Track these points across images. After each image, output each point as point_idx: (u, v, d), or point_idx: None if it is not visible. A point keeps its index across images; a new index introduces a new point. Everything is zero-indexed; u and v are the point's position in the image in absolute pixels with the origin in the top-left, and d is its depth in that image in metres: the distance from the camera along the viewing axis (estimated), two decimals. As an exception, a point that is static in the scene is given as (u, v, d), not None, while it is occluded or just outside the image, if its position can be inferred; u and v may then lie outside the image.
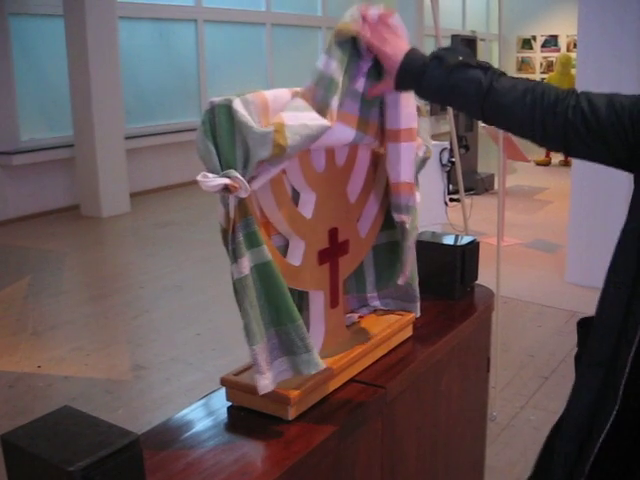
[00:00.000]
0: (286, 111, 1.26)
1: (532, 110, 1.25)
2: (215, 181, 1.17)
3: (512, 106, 1.27)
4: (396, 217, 1.63)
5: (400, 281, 1.68)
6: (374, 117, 1.51)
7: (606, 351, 1.28)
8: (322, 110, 1.32)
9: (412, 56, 1.37)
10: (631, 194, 1.28)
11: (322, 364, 1.37)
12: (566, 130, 1.23)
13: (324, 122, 1.30)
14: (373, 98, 1.48)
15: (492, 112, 1.30)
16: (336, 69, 1.35)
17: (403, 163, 1.55)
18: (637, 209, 1.25)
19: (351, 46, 1.39)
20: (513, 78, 1.32)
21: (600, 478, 1.31)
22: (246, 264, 1.24)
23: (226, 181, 1.17)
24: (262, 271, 1.27)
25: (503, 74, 1.31)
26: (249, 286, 1.25)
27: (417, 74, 1.35)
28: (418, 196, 1.72)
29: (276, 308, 1.30)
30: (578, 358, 1.44)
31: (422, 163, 1.69)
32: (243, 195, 1.20)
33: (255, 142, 1.19)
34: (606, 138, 1.21)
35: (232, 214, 1.21)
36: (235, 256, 1.23)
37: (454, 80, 1.31)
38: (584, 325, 1.43)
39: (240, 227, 1.23)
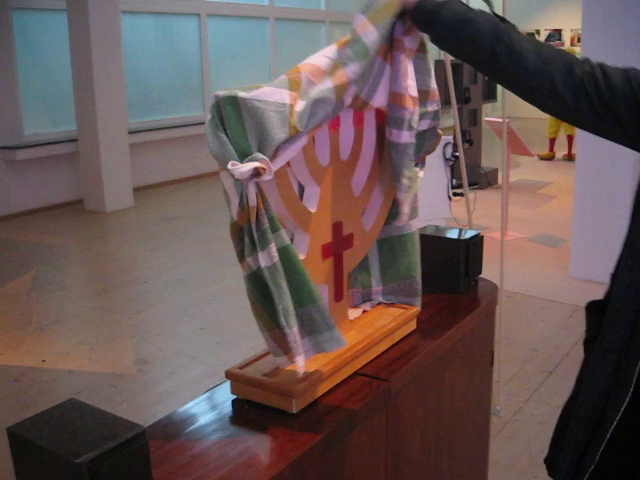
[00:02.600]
0: (299, 99, 1.26)
1: (546, 63, 1.23)
2: (247, 166, 1.17)
3: (526, 54, 1.24)
4: (394, 135, 1.54)
5: (398, 222, 1.66)
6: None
7: (619, 337, 1.26)
8: (337, 67, 1.32)
9: None
10: (637, 182, 1.27)
11: (345, 340, 1.38)
12: (578, 96, 1.21)
13: (327, 85, 1.29)
14: None
15: (503, 55, 1.26)
16: (374, 42, 1.36)
17: (410, 74, 1.50)
18: None
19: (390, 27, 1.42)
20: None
21: (609, 465, 1.31)
22: (274, 249, 1.24)
23: (257, 164, 1.17)
24: (284, 254, 1.27)
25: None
26: (280, 270, 1.25)
27: (437, 5, 1.35)
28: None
29: (298, 290, 1.30)
30: (587, 343, 1.42)
31: (431, 134, 1.66)
32: (268, 177, 1.20)
33: (273, 125, 1.19)
34: (618, 111, 1.19)
35: (254, 201, 1.21)
36: (263, 243, 1.22)
37: (472, 15, 1.31)
38: (592, 309, 1.41)
39: (263, 212, 1.23)
